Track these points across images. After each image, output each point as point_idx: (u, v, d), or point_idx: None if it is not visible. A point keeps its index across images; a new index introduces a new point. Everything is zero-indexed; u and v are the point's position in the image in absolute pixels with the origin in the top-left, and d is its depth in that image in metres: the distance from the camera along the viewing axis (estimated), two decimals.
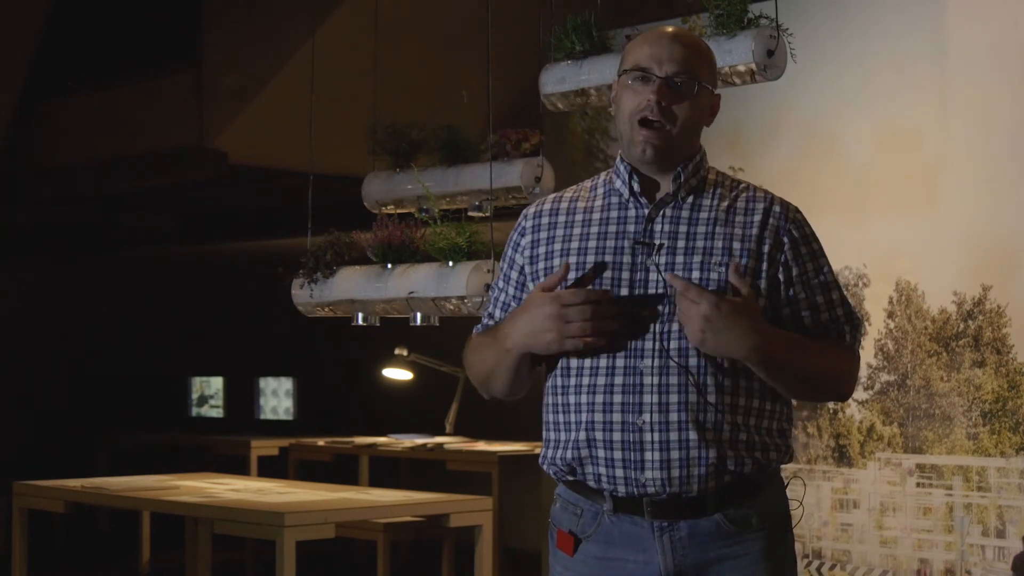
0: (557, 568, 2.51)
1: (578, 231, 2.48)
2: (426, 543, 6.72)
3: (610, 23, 4.44)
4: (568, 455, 2.44)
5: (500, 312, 2.57)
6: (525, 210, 2.60)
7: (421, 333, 5.67)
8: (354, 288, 5.15)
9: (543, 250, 2.51)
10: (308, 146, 5.52)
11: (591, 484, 2.44)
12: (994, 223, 4.86)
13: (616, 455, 2.38)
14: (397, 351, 7.76)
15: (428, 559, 7.07)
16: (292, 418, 9.29)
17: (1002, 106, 4.85)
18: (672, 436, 2.36)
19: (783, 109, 5.42)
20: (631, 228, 2.44)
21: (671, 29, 2.50)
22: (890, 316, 5.10)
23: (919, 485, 4.99)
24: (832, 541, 5.23)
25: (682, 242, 2.42)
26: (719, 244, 2.41)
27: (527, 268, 2.53)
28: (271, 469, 7.79)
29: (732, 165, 5.39)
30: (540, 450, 2.55)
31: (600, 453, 2.40)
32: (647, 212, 2.45)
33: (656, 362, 2.37)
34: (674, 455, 2.36)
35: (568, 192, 2.58)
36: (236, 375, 9.79)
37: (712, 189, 2.48)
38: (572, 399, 2.43)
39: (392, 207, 5.36)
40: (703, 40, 2.56)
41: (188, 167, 7.89)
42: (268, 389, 9.41)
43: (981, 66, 4.91)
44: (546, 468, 2.52)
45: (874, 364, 5.11)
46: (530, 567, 6.67)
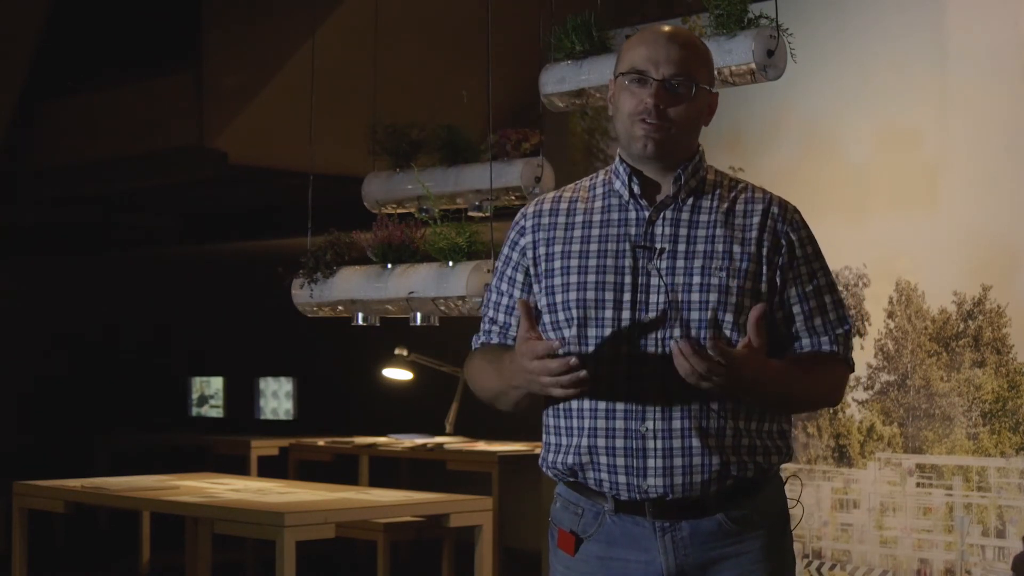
0: (558, 568, 2.50)
1: (578, 233, 2.46)
2: (426, 543, 6.72)
3: (610, 23, 4.44)
4: (570, 460, 2.43)
5: (503, 315, 2.54)
6: (523, 209, 2.57)
7: (421, 333, 5.67)
8: (354, 288, 5.15)
9: (544, 251, 2.49)
10: (308, 146, 5.52)
11: (592, 487, 2.43)
12: (994, 223, 4.86)
13: (619, 462, 2.38)
14: (397, 351, 7.75)
15: (428, 559, 7.07)
16: (292, 418, 9.28)
17: (1002, 106, 4.85)
18: (675, 443, 2.36)
19: (783, 109, 5.42)
20: (632, 231, 2.43)
21: (667, 29, 2.48)
22: (890, 316, 5.10)
23: (919, 485, 4.99)
24: (832, 541, 5.23)
25: (683, 245, 2.41)
26: (720, 248, 2.40)
27: (532, 270, 2.50)
28: (271, 469, 7.78)
29: (732, 165, 5.39)
30: (540, 450, 2.53)
31: (602, 459, 2.39)
32: (647, 215, 2.44)
33: (658, 368, 2.35)
34: (677, 462, 2.36)
35: (567, 191, 2.56)
36: (236, 375, 9.78)
37: (712, 190, 2.47)
38: (574, 403, 2.41)
39: (392, 207, 5.36)
40: (699, 39, 2.54)
41: (188, 167, 7.89)
42: (268, 389, 9.41)
43: (981, 66, 4.91)
44: (546, 470, 2.51)
45: (874, 364, 5.11)
46: (530, 567, 6.67)
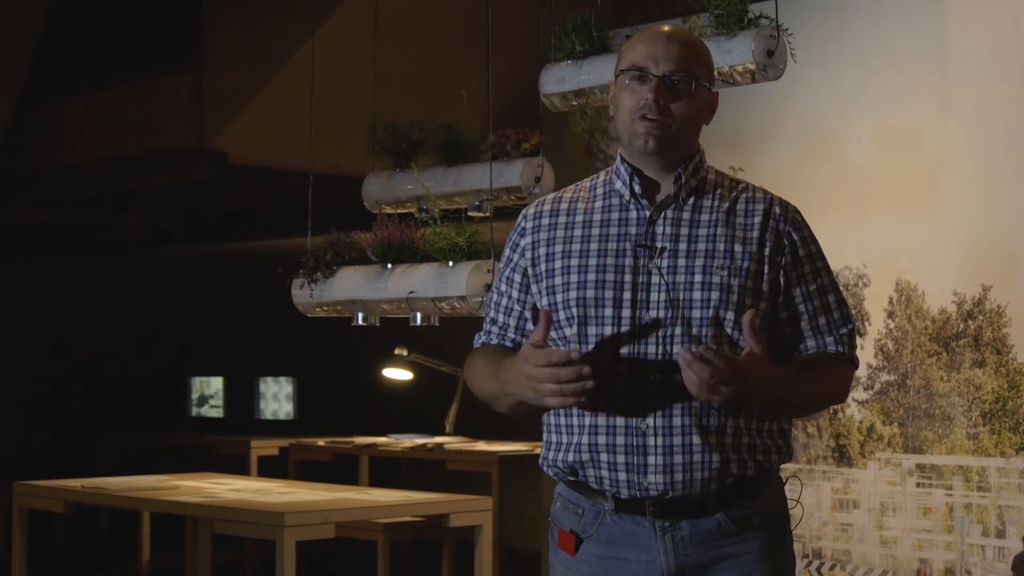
0: (558, 568, 2.50)
1: (579, 233, 2.47)
2: (426, 543, 6.72)
3: (610, 23, 4.44)
4: (570, 458, 2.43)
5: (503, 316, 2.55)
6: (524, 210, 2.59)
7: (421, 333, 5.67)
8: (354, 288, 5.15)
9: (544, 251, 2.49)
10: (308, 146, 5.52)
11: (593, 485, 2.43)
12: (994, 223, 4.86)
13: (619, 459, 2.38)
14: (397, 351, 7.75)
15: (428, 559, 7.07)
16: (292, 418, 9.28)
17: (1002, 106, 4.85)
18: (675, 440, 2.36)
19: (783, 109, 5.42)
20: (632, 230, 2.44)
21: (667, 28, 2.50)
22: (890, 316, 5.10)
23: (919, 485, 4.99)
24: (832, 541, 5.23)
25: (684, 244, 2.41)
26: (721, 247, 2.41)
27: (530, 270, 2.51)
28: (271, 469, 7.78)
29: (732, 165, 5.39)
30: (540, 450, 2.54)
31: (603, 457, 2.39)
32: (648, 214, 2.44)
33: (659, 365, 2.36)
34: (677, 459, 2.36)
35: (567, 192, 2.57)
36: (236, 375, 9.78)
37: (712, 190, 2.48)
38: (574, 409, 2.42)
39: (392, 207, 5.35)
40: (699, 38, 2.56)
41: (188, 167, 7.88)
42: (268, 389, 9.41)
43: (981, 66, 4.91)
44: (546, 469, 2.51)
45: (874, 364, 5.11)
46: (530, 567, 6.67)
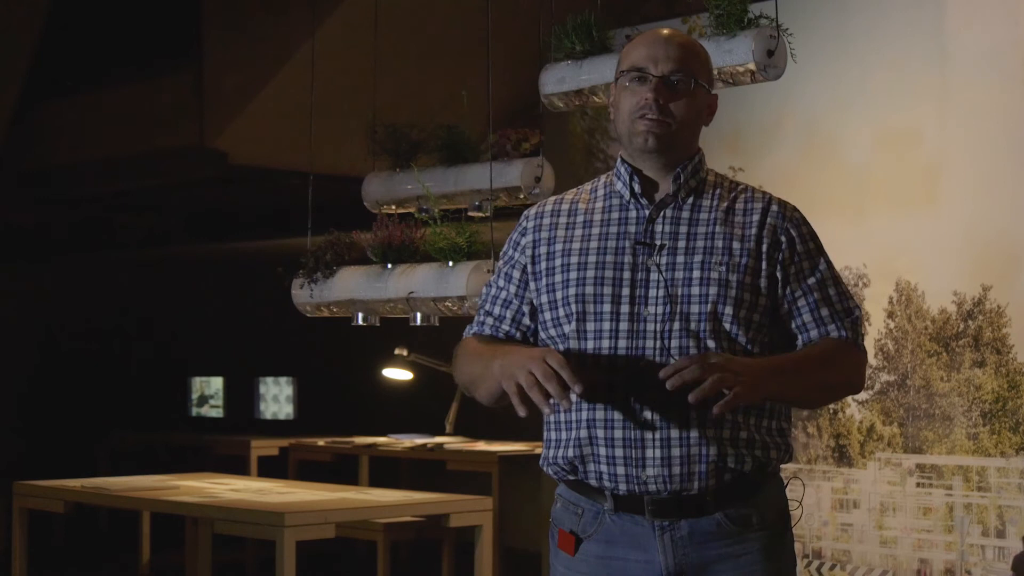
0: (559, 568, 2.52)
1: (579, 232, 2.50)
2: (426, 543, 6.72)
3: (610, 23, 4.44)
4: (569, 453, 2.45)
5: (499, 308, 2.57)
6: (526, 211, 2.63)
7: (421, 333, 5.67)
8: (354, 288, 5.15)
9: (544, 250, 2.53)
10: (308, 146, 5.52)
11: (592, 483, 2.45)
12: (994, 223, 4.86)
13: (617, 452, 2.40)
14: (397, 351, 7.75)
15: (428, 559, 7.07)
16: (292, 418, 9.28)
17: (1002, 106, 4.85)
18: (673, 433, 2.38)
19: (783, 109, 5.42)
20: (632, 229, 2.47)
21: (666, 31, 2.54)
22: (890, 316, 5.10)
23: (919, 485, 4.99)
24: (832, 541, 5.23)
25: (682, 242, 2.44)
26: (719, 244, 2.44)
27: (530, 267, 2.54)
28: (271, 469, 7.78)
29: (732, 166, 5.39)
30: (540, 450, 2.56)
31: (601, 451, 2.41)
32: (648, 213, 2.47)
33: (657, 360, 2.38)
34: (675, 452, 2.38)
35: (569, 194, 2.61)
36: (236, 375, 9.78)
37: (711, 190, 2.51)
38: (573, 397, 2.43)
39: (392, 207, 5.36)
40: (698, 41, 2.59)
41: (188, 167, 7.88)
42: (268, 389, 9.41)
43: (981, 66, 4.91)
44: (547, 468, 2.53)
45: (874, 364, 5.11)
46: (530, 567, 6.67)
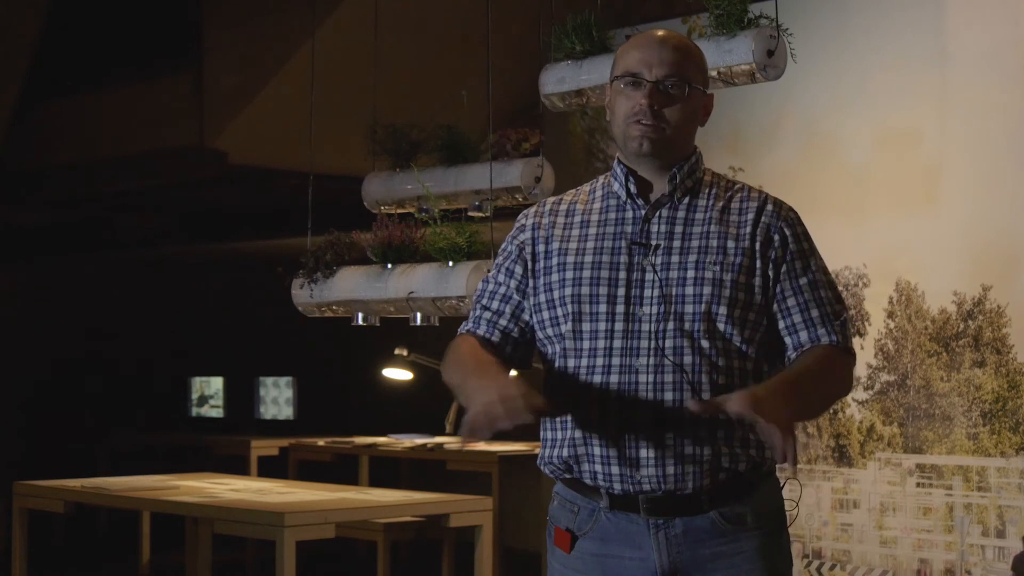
0: (555, 565, 2.53)
1: (576, 232, 2.51)
2: (426, 543, 6.72)
3: (610, 23, 4.44)
4: (564, 452, 2.45)
5: (498, 303, 2.57)
6: (524, 211, 2.64)
7: (421, 333, 5.67)
8: (354, 288, 5.15)
9: (543, 248, 2.54)
10: (308, 146, 5.52)
11: (587, 481, 2.45)
12: (994, 223, 4.86)
13: (612, 452, 2.40)
14: (397, 351, 7.75)
15: (428, 559, 7.07)
16: (292, 418, 9.28)
17: (1002, 106, 4.85)
18: (667, 433, 2.38)
19: (783, 109, 5.42)
20: (628, 229, 2.48)
21: (660, 33, 2.53)
22: (890, 316, 5.10)
23: (919, 485, 4.99)
24: (832, 541, 5.23)
25: (678, 242, 2.45)
26: (714, 243, 2.44)
27: (529, 265, 2.55)
28: (271, 469, 7.78)
29: (732, 166, 5.39)
30: (540, 450, 2.56)
31: (596, 450, 2.42)
32: (643, 213, 2.48)
33: (651, 360, 2.39)
34: (669, 452, 2.38)
35: (567, 195, 2.62)
36: (236, 375, 9.78)
37: (708, 190, 2.51)
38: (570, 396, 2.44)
39: (392, 207, 5.36)
40: (692, 41, 2.59)
41: (188, 167, 7.89)
42: (268, 390, 9.41)
43: (981, 66, 4.91)
44: (543, 468, 2.54)
45: (874, 364, 5.11)
46: (530, 567, 6.68)
